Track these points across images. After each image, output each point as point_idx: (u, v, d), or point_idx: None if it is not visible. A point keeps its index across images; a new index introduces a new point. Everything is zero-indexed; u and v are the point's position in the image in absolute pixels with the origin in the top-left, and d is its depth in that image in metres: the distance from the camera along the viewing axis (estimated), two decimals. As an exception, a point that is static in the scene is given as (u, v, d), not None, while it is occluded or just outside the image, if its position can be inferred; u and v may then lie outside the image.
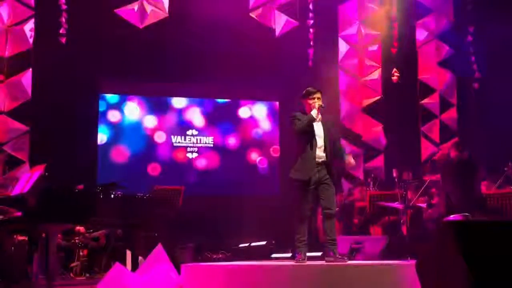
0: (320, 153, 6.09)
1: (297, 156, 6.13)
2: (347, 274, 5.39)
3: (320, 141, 6.12)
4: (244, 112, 13.40)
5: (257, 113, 13.46)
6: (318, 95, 6.20)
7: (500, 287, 2.98)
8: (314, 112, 6.11)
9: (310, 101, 6.17)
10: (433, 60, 12.52)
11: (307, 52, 11.87)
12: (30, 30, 10.50)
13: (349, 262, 6.30)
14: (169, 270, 6.20)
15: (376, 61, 12.46)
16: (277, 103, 13.53)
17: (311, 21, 11.74)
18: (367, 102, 12.47)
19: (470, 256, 3.00)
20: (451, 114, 12.49)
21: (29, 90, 10.50)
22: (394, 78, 11.83)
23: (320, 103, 6.17)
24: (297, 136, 6.15)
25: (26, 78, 10.51)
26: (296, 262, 5.88)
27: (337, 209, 7.38)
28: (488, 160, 9.78)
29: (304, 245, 6.06)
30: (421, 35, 12.57)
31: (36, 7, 10.54)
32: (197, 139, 12.96)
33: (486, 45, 11.72)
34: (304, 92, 6.28)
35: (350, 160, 6.43)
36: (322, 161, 6.08)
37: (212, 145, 13.05)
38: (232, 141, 13.18)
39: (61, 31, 10.48)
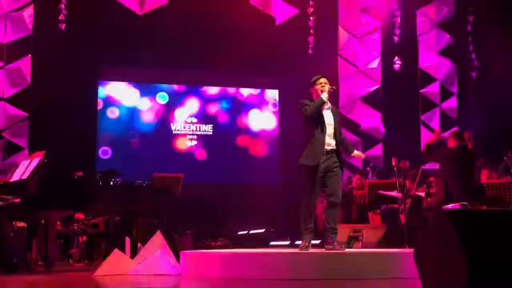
0: (329, 140, 5.99)
1: (306, 143, 6.01)
2: (345, 262, 5.40)
3: (329, 128, 6.01)
4: (243, 99, 13.38)
5: (256, 100, 13.44)
6: (324, 80, 6.12)
7: (498, 276, 2.98)
8: (324, 95, 5.98)
9: (318, 87, 6.07)
10: (433, 49, 12.50)
11: (307, 40, 11.85)
12: (30, 16, 10.47)
13: (348, 250, 6.32)
14: (168, 257, 6.22)
15: (376, 50, 12.43)
16: (277, 90, 13.51)
17: (311, 9, 11.71)
18: (366, 90, 12.46)
19: (468, 244, 3.01)
20: (451, 103, 12.49)
21: (29, 76, 10.51)
22: (396, 65, 11.84)
23: (329, 86, 6.12)
24: (307, 122, 6.01)
25: (26, 64, 10.50)
26: (300, 250, 5.88)
27: None
28: (487, 149, 9.80)
29: (310, 232, 6.03)
30: (422, 23, 12.54)
31: (36, -7, 10.53)
32: (196, 127, 12.95)
33: (485, 35, 11.71)
34: (311, 81, 6.20)
35: (359, 153, 6.46)
36: (332, 149, 5.99)
37: (211, 133, 13.05)
38: (231, 128, 13.18)
39: (60, 18, 10.46)
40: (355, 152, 6.41)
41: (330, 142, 6.01)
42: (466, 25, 12.18)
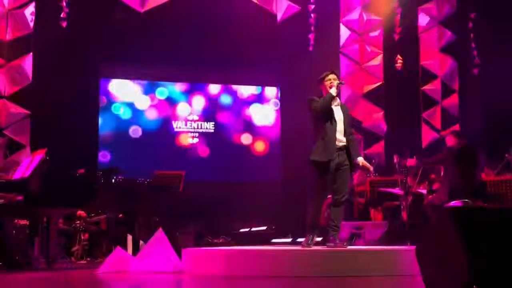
0: (340, 137, 5.97)
1: (317, 139, 5.97)
2: (347, 260, 5.40)
3: (339, 124, 5.99)
4: (244, 97, 13.37)
5: (257, 98, 13.44)
6: (333, 76, 6.10)
7: (499, 274, 2.98)
8: (333, 90, 5.97)
9: (327, 83, 6.05)
10: (435, 46, 12.48)
11: (308, 38, 11.83)
12: (31, 14, 10.47)
13: (349, 247, 6.32)
14: (170, 254, 6.22)
15: (378, 47, 12.41)
16: (278, 88, 13.51)
17: (313, 6, 11.69)
18: (368, 88, 12.44)
19: (470, 242, 3.00)
20: (453, 100, 12.47)
21: (30, 74, 10.50)
22: (398, 65, 11.81)
23: (338, 81, 6.10)
24: (316, 119, 5.97)
25: (27, 62, 10.50)
26: (302, 247, 5.88)
27: None
28: (488, 146, 9.78)
29: (316, 230, 6.03)
30: (423, 21, 12.53)
31: (37, -9, 10.51)
32: (198, 125, 12.96)
33: (487, 32, 11.68)
34: (319, 77, 6.18)
35: (365, 162, 6.23)
36: (343, 145, 5.97)
37: (213, 131, 13.05)
38: (232, 126, 13.18)
39: (62, 15, 10.44)
40: (360, 159, 6.18)
41: (341, 139, 5.98)
42: (468, 22, 12.15)
